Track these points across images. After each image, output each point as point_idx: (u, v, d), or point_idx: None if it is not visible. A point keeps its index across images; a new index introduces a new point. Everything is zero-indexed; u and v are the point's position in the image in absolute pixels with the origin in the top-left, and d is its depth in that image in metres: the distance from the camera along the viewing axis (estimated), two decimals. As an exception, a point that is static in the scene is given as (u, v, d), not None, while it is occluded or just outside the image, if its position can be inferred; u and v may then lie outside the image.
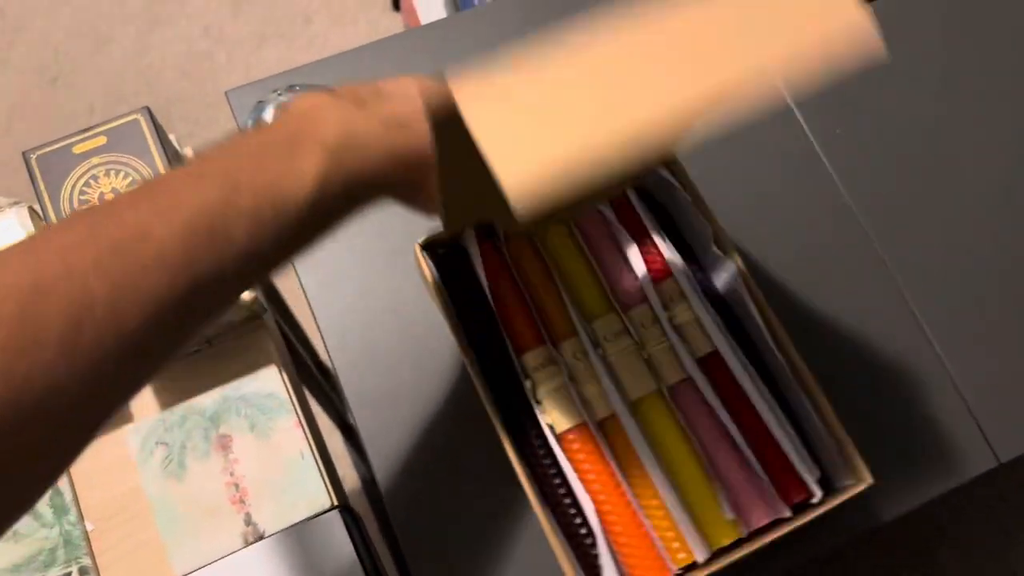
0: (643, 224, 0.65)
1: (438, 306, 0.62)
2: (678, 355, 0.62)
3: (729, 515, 0.58)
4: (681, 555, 0.57)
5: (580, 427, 0.59)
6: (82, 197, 0.67)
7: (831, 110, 0.78)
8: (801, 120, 0.78)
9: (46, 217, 0.67)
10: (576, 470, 0.58)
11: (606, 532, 0.58)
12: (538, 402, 0.61)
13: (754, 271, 0.64)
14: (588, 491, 0.58)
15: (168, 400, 0.75)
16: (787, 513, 0.58)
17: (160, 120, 0.73)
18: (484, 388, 0.59)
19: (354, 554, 0.65)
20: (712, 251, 0.64)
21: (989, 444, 0.68)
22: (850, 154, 0.77)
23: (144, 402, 0.75)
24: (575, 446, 0.59)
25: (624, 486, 0.58)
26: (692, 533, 0.57)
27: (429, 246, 0.64)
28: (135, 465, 0.73)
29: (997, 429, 0.69)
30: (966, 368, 0.70)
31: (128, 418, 0.75)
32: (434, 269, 0.63)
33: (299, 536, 0.64)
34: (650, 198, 0.68)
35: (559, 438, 0.60)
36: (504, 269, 0.63)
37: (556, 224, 0.65)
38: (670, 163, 0.65)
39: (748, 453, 0.59)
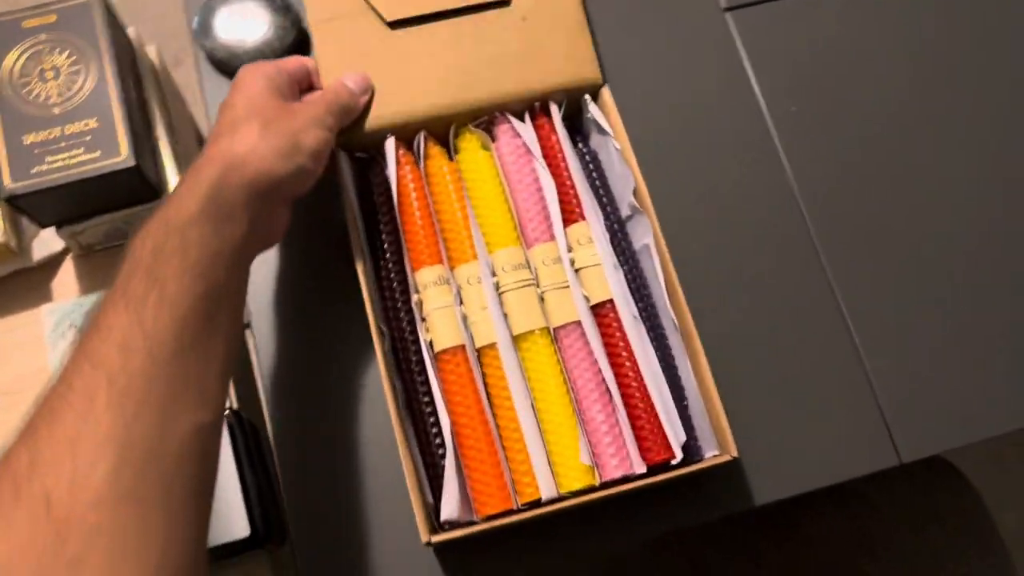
0: (566, 161, 0.64)
1: (345, 207, 0.61)
2: (572, 297, 0.60)
3: (586, 461, 0.57)
4: (529, 490, 0.57)
5: (457, 349, 0.59)
6: (24, 71, 0.68)
7: (792, 86, 0.76)
8: (758, 92, 0.75)
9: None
10: (443, 390, 0.58)
11: (458, 454, 0.57)
12: (423, 319, 0.60)
13: (673, 233, 0.62)
14: (450, 411, 0.58)
15: (89, 286, 0.76)
16: (641, 470, 0.57)
17: (124, 15, 0.74)
18: (370, 295, 0.59)
19: (232, 456, 0.65)
20: (630, 202, 0.62)
21: (893, 442, 0.66)
22: (801, 133, 0.74)
23: (65, 284, 0.76)
24: (448, 366, 0.59)
25: (488, 414, 0.58)
26: (544, 471, 0.57)
27: (347, 145, 0.64)
28: (46, 345, 0.73)
29: (905, 428, 0.66)
30: (882, 362, 0.68)
31: (47, 296, 0.75)
32: (349, 170, 0.63)
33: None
34: (582, 139, 0.68)
35: (436, 357, 0.59)
36: (417, 182, 0.63)
37: (471, 134, 0.65)
38: (597, 91, 0.66)
39: (619, 405, 0.58)
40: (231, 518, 0.63)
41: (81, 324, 0.73)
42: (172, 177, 0.73)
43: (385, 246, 0.62)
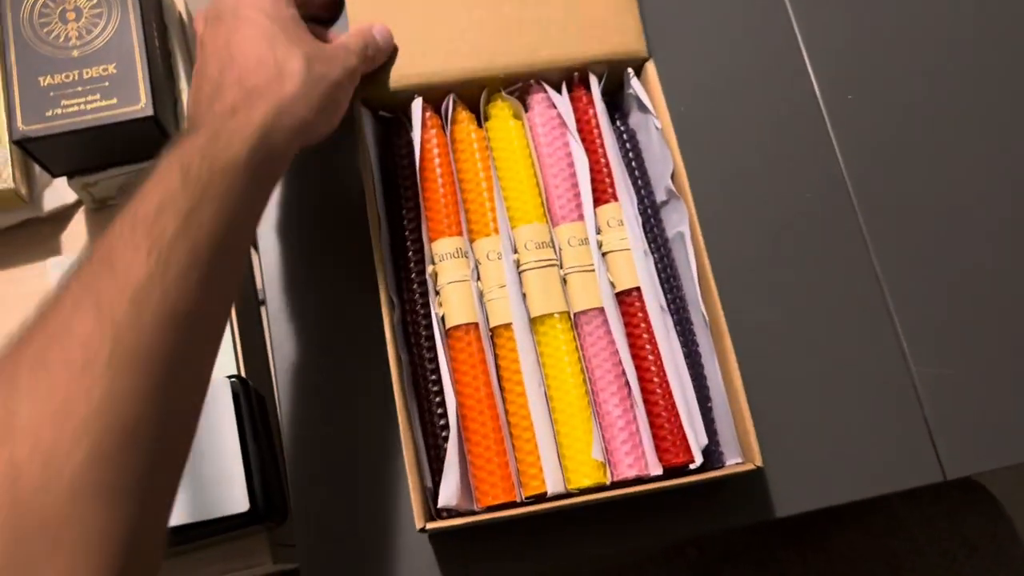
0: (601, 138, 0.60)
1: (363, 168, 0.58)
2: (597, 282, 0.57)
3: (598, 457, 0.53)
4: (535, 483, 0.53)
5: (470, 326, 0.56)
6: (44, 9, 0.65)
7: (850, 72, 0.71)
8: (812, 77, 0.70)
9: (3, 27, 0.65)
10: (452, 368, 0.55)
11: (462, 438, 0.54)
12: (437, 291, 0.57)
13: (710, 222, 0.58)
14: (457, 391, 0.54)
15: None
16: (657, 471, 0.54)
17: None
18: (382, 264, 0.56)
19: (235, 425, 0.62)
20: (667, 186, 0.58)
21: (938, 456, 0.61)
22: (856, 122, 0.69)
23: (74, 238, 0.73)
24: (459, 344, 0.55)
25: (497, 398, 0.55)
26: (552, 464, 0.53)
27: (371, 103, 0.60)
28: (51, 299, 0.71)
29: (951, 442, 0.61)
30: (931, 369, 0.63)
31: (56, 250, 0.73)
32: (370, 129, 0.60)
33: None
34: (621, 116, 0.64)
35: (447, 333, 0.56)
36: (442, 147, 0.59)
37: (503, 102, 0.61)
38: (640, 65, 0.62)
39: (638, 400, 0.55)
40: (229, 491, 0.60)
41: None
42: (192, 133, 0.71)
43: (403, 212, 0.59)
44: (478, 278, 0.57)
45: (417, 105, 0.59)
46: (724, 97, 0.70)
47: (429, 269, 0.57)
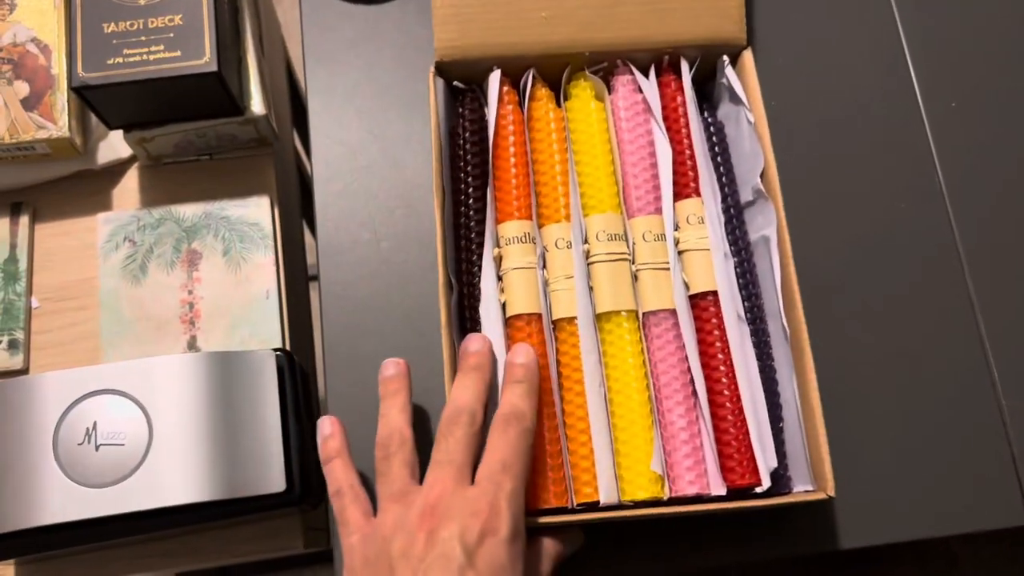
0: (688, 128, 0.56)
1: (432, 140, 0.54)
2: (671, 281, 0.53)
3: (657, 469, 0.50)
4: (587, 489, 0.50)
5: (533, 317, 0.52)
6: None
7: (954, 78, 0.66)
8: (915, 81, 0.66)
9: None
10: (509, 360, 0.51)
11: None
12: (499, 277, 0.54)
13: (799, 228, 0.54)
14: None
15: (151, 199, 0.71)
16: (720, 491, 0.50)
17: None
18: (443, 242, 0.53)
19: (278, 399, 0.59)
20: (755, 185, 0.54)
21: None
22: (959, 132, 0.64)
23: (125, 194, 0.71)
24: (520, 335, 0.52)
25: (555, 396, 0.51)
26: (608, 472, 0.50)
27: (445, 71, 0.57)
28: (98, 255, 0.69)
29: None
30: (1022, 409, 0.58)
31: (107, 204, 0.71)
32: (442, 99, 0.56)
33: (224, 362, 0.58)
34: (710, 107, 0.60)
35: (507, 322, 0.53)
36: (518, 125, 0.56)
37: (586, 81, 0.57)
38: (737, 53, 0.57)
39: (706, 413, 0.51)
40: (267, 470, 0.57)
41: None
42: (255, 94, 0.68)
43: (470, 191, 0.55)
44: (544, 265, 0.54)
45: (495, 78, 0.56)
46: (821, 95, 0.65)
47: (494, 252, 0.54)
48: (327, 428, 0.53)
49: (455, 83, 0.58)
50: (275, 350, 0.60)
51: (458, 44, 0.56)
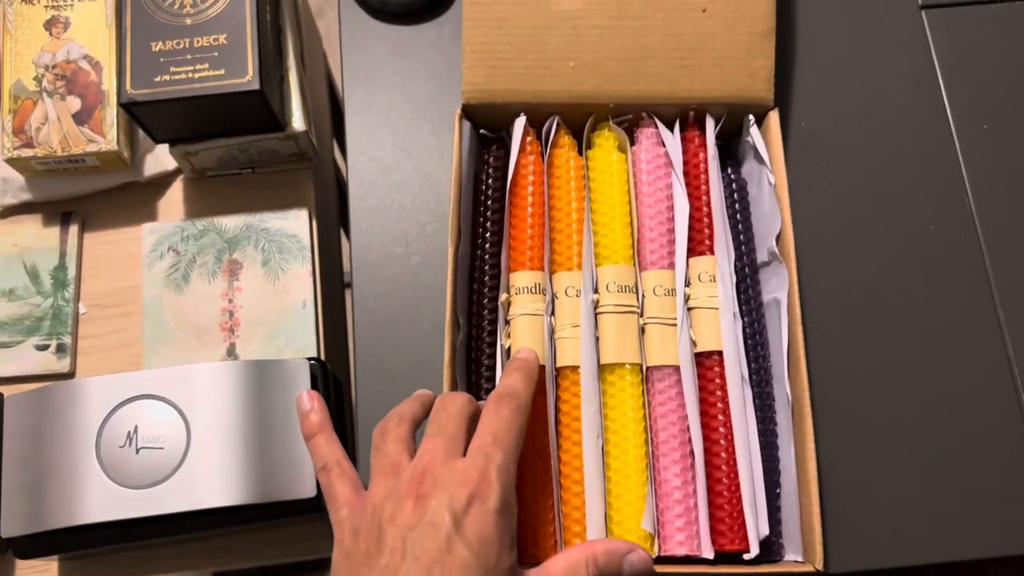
0: (708, 184, 0.56)
1: (452, 181, 0.55)
2: (677, 338, 0.53)
3: (647, 527, 0.50)
4: (576, 540, 0.50)
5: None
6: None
7: (988, 98, 0.65)
8: (945, 99, 0.66)
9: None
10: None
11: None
12: (507, 321, 0.54)
13: (815, 292, 0.54)
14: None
15: (194, 211, 0.73)
16: (708, 555, 0.50)
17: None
18: (454, 282, 0.54)
19: None
20: (771, 247, 0.54)
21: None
22: (992, 157, 0.63)
23: (170, 205, 0.74)
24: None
25: (552, 445, 0.51)
26: (598, 524, 0.50)
27: (471, 114, 0.58)
28: (142, 264, 0.71)
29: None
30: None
31: (152, 215, 0.73)
32: (467, 142, 0.57)
33: (260, 370, 0.60)
34: (734, 164, 0.60)
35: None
36: (538, 176, 0.56)
37: (609, 131, 0.58)
38: (763, 113, 0.57)
39: (701, 473, 0.51)
40: (298, 475, 0.59)
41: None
42: (296, 111, 0.70)
43: (488, 235, 0.56)
44: (552, 312, 0.54)
45: (519, 124, 0.57)
46: (850, 157, 0.64)
47: (502, 297, 0.55)
48: (307, 403, 0.53)
49: (482, 131, 0.59)
50: (309, 359, 0.62)
51: (485, 88, 0.57)
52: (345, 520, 0.45)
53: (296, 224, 0.72)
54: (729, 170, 0.59)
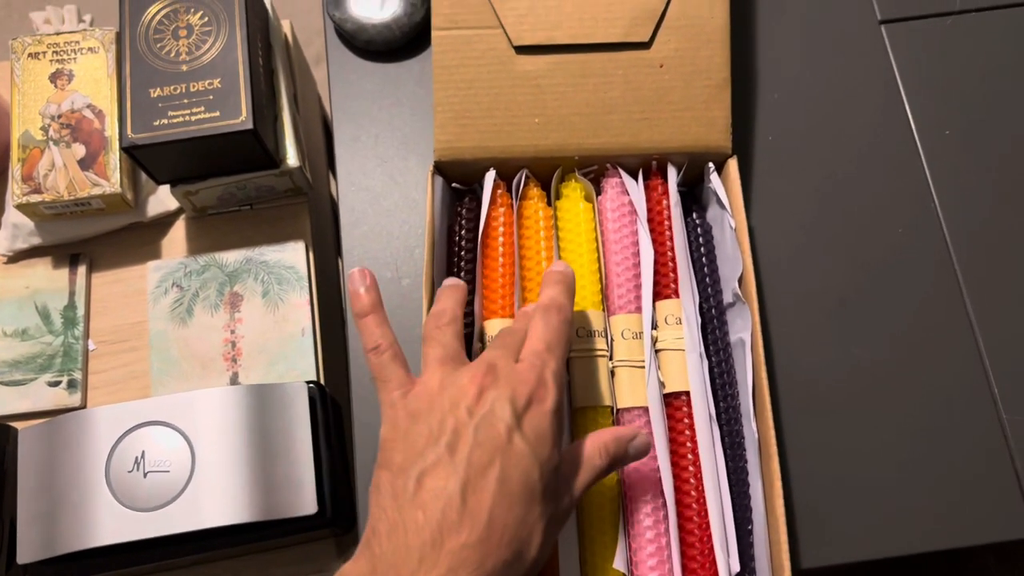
0: (671, 231, 0.59)
1: (425, 236, 0.57)
2: (646, 380, 0.55)
3: (620, 567, 0.51)
4: None
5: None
6: (159, 26, 0.69)
7: (949, 105, 0.67)
8: (908, 109, 0.67)
9: (121, 41, 0.69)
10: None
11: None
12: None
13: (781, 330, 0.55)
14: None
15: (196, 248, 0.77)
16: None
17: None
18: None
19: (309, 427, 0.63)
20: (734, 288, 0.56)
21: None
22: (957, 162, 0.65)
23: (174, 243, 0.77)
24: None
25: None
26: (571, 564, 0.51)
27: (444, 170, 0.60)
28: (148, 300, 0.74)
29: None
30: None
31: (156, 253, 0.77)
32: (439, 196, 0.59)
33: (260, 394, 0.63)
34: (699, 209, 0.62)
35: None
36: (508, 227, 0.58)
37: (576, 183, 0.60)
38: (723, 160, 0.59)
39: (672, 512, 0.52)
40: (299, 493, 0.61)
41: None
42: (290, 148, 0.74)
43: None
44: None
45: (490, 178, 0.59)
46: (817, 172, 0.67)
47: (476, 347, 0.56)
48: (359, 281, 0.50)
49: (454, 184, 0.61)
50: (307, 382, 0.65)
51: (456, 146, 0.59)
52: (399, 402, 0.46)
53: (293, 256, 0.75)
54: (695, 215, 0.61)
